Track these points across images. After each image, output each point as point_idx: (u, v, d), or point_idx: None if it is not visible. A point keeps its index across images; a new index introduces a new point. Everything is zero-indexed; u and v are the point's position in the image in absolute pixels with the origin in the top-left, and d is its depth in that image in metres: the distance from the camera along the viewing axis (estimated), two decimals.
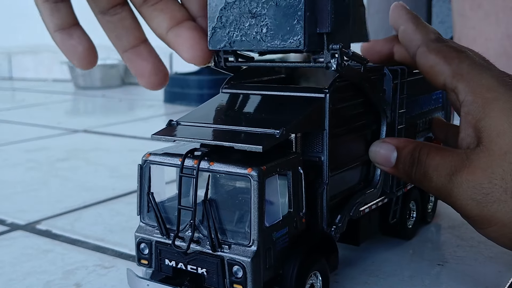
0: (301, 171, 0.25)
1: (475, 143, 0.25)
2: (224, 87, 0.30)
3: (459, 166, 0.25)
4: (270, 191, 0.23)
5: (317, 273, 0.26)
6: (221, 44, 0.25)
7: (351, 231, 0.30)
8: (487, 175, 0.24)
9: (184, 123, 0.26)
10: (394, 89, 0.31)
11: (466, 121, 0.26)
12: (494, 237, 0.26)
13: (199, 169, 0.23)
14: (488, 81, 0.26)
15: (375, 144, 0.28)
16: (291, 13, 0.23)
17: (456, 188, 0.25)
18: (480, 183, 0.24)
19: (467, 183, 0.25)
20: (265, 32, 0.24)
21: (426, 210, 0.39)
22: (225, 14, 0.25)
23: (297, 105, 0.26)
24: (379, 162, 0.28)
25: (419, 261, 0.33)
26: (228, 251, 0.23)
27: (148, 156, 0.26)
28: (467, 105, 0.26)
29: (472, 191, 0.24)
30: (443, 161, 0.26)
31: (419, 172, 0.26)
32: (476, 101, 0.25)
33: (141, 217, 0.26)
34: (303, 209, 0.25)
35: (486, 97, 0.25)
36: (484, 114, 0.25)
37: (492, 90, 0.25)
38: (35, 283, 0.32)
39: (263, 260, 0.23)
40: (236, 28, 0.25)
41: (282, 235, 0.24)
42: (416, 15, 0.30)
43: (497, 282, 0.30)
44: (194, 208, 0.23)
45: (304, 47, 0.23)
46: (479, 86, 0.26)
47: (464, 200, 0.25)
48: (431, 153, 0.26)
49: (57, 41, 0.24)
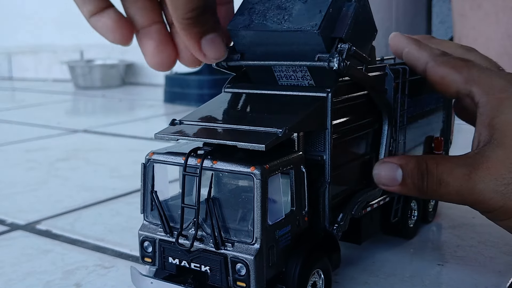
0: (303, 169, 0.25)
1: (488, 141, 0.26)
2: (226, 86, 0.30)
3: (475, 164, 0.26)
4: (273, 189, 0.23)
5: (320, 271, 0.26)
6: (240, 25, 0.26)
7: (353, 230, 0.30)
8: (507, 166, 0.25)
9: (187, 122, 0.26)
10: (396, 88, 0.31)
11: (481, 121, 0.27)
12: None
13: (202, 168, 0.23)
14: (499, 82, 0.27)
15: (376, 167, 0.28)
16: (315, 8, 0.25)
17: (478, 184, 0.25)
18: (501, 174, 0.25)
19: (489, 176, 0.25)
20: (286, 19, 0.25)
21: (427, 209, 0.39)
22: (256, 7, 0.26)
23: (300, 104, 0.26)
24: (384, 183, 0.28)
25: (419, 261, 0.33)
26: (231, 249, 0.23)
27: (152, 155, 0.26)
28: (482, 106, 0.27)
29: (494, 183, 0.25)
30: (456, 164, 0.26)
31: (431, 182, 0.26)
32: (490, 101, 0.27)
33: (144, 216, 0.26)
34: (306, 207, 0.25)
35: (499, 97, 0.27)
36: (498, 112, 0.26)
37: (504, 90, 0.27)
38: (35, 283, 0.32)
39: (266, 258, 0.23)
40: (260, 16, 0.26)
41: (285, 233, 0.24)
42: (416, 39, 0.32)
43: (497, 282, 0.30)
44: (198, 207, 0.23)
45: (318, 29, 0.24)
46: (492, 88, 0.27)
47: (487, 193, 0.25)
48: (440, 162, 0.27)
49: (92, 25, 0.25)
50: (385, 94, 0.31)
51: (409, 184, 0.27)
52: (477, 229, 0.38)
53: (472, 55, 0.32)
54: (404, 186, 0.27)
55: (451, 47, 0.33)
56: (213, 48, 0.24)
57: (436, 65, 0.29)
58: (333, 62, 0.24)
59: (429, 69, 0.30)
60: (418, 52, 0.30)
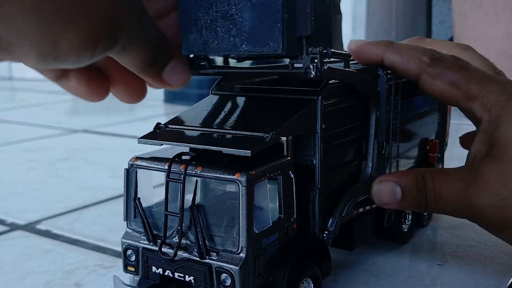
0: (292, 175, 0.24)
1: (483, 156, 0.27)
2: (214, 89, 0.29)
3: (472, 179, 0.26)
4: (260, 196, 0.23)
5: (309, 279, 0.25)
6: (195, 49, 0.23)
7: (345, 236, 0.30)
8: (503, 181, 0.25)
9: (172, 126, 0.26)
10: (388, 90, 0.31)
11: (480, 137, 0.27)
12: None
13: (187, 174, 0.23)
14: (499, 97, 0.27)
15: (375, 186, 0.28)
16: (268, 15, 0.21)
17: (475, 199, 0.26)
18: (498, 189, 0.25)
19: (485, 192, 0.25)
20: (241, 36, 0.22)
21: (422, 213, 0.38)
22: (200, 18, 0.23)
23: (288, 108, 0.26)
24: (385, 202, 0.28)
25: (419, 261, 0.34)
26: (216, 258, 0.22)
27: (135, 160, 0.25)
28: (483, 123, 0.27)
29: (491, 198, 0.25)
30: (452, 179, 0.26)
31: (430, 198, 0.27)
32: (491, 119, 0.27)
33: (127, 223, 0.26)
34: (294, 214, 0.25)
35: (498, 114, 0.27)
36: (496, 128, 0.26)
37: (504, 106, 0.26)
38: (35, 283, 0.32)
39: (252, 267, 0.22)
40: (211, 33, 0.23)
41: (272, 241, 0.23)
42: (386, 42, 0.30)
43: (497, 282, 0.30)
44: (181, 214, 0.23)
45: (283, 52, 0.22)
46: (493, 104, 0.27)
47: (485, 208, 0.26)
48: (436, 176, 0.27)
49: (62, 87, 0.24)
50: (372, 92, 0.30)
51: (408, 201, 0.27)
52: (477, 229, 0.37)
53: (468, 54, 0.31)
54: (404, 202, 0.27)
55: (447, 46, 0.32)
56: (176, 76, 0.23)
57: (431, 78, 0.28)
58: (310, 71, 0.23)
59: (424, 83, 0.29)
60: (403, 63, 0.29)
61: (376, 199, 0.28)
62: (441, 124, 0.39)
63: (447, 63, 0.28)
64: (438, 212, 0.28)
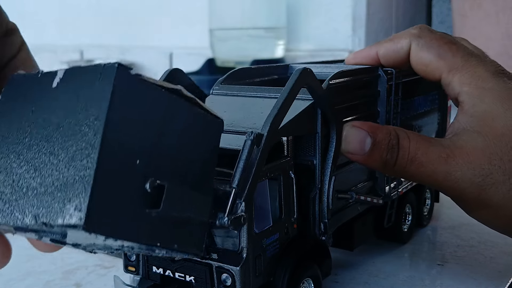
0: (292, 175, 0.24)
1: (465, 128, 0.25)
2: (214, 89, 0.29)
3: (453, 147, 0.24)
4: (260, 196, 0.23)
5: (309, 279, 0.25)
6: None
7: (345, 236, 0.30)
8: (487, 155, 0.24)
9: None
10: (389, 90, 0.31)
11: (461, 109, 0.26)
12: (486, 219, 0.26)
13: None
14: (483, 73, 0.26)
15: (345, 130, 0.25)
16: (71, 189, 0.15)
17: (455, 171, 0.24)
18: (480, 164, 0.24)
19: (467, 165, 0.24)
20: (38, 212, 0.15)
21: (422, 213, 0.39)
22: None
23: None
24: (350, 151, 0.25)
25: (419, 261, 0.34)
26: (216, 258, 0.22)
27: None
28: (462, 95, 0.26)
29: (472, 173, 0.24)
30: (432, 144, 0.24)
31: (402, 159, 0.24)
32: (471, 91, 0.26)
33: None
34: (295, 214, 0.25)
35: (481, 87, 0.25)
36: (479, 101, 0.25)
37: (487, 81, 0.25)
38: (35, 283, 0.32)
39: (253, 267, 0.22)
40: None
41: (273, 241, 0.23)
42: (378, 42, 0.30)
43: (497, 282, 0.30)
44: None
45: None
46: (475, 78, 0.26)
47: (463, 183, 0.24)
48: (414, 138, 0.25)
49: None
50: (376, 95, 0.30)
51: (375, 156, 0.24)
52: (477, 229, 0.37)
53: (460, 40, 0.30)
54: (370, 157, 0.25)
55: None
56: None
57: (419, 48, 0.27)
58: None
59: (412, 53, 0.28)
60: (394, 44, 0.29)
61: (344, 145, 0.25)
62: (441, 124, 0.40)
63: (436, 35, 0.28)
64: (407, 177, 0.25)
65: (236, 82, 0.30)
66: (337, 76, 0.27)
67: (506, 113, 0.24)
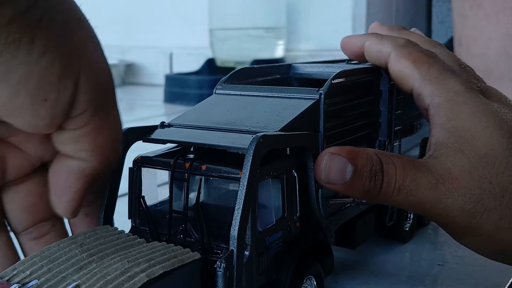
0: (295, 174, 0.24)
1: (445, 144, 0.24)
2: (217, 88, 0.29)
3: (442, 173, 0.23)
4: (263, 194, 0.23)
5: (312, 278, 0.25)
6: None
7: (347, 234, 0.30)
8: (475, 179, 0.22)
9: (177, 125, 0.26)
10: (391, 90, 0.31)
11: (434, 123, 0.25)
12: (476, 247, 0.25)
13: (191, 173, 0.23)
14: (456, 86, 0.25)
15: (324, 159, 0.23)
16: None
17: (445, 198, 0.22)
18: (470, 189, 0.22)
19: (457, 191, 0.22)
20: None
21: None
22: None
23: (291, 107, 0.26)
24: (332, 180, 0.23)
25: (419, 261, 0.33)
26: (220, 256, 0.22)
27: (139, 159, 0.25)
28: (433, 107, 0.25)
29: (463, 199, 0.22)
30: (418, 170, 0.23)
31: (388, 187, 0.22)
32: (442, 103, 0.24)
33: (132, 221, 0.26)
34: (297, 213, 0.25)
35: (454, 100, 0.24)
36: (453, 115, 0.24)
37: (460, 94, 0.25)
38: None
39: (256, 265, 0.22)
40: None
41: (276, 239, 0.24)
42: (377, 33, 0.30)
43: (497, 282, 0.30)
44: (186, 212, 0.23)
45: None
46: (447, 90, 0.25)
47: (454, 210, 0.22)
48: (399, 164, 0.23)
49: None
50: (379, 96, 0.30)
51: (356, 185, 0.22)
52: None
53: (437, 50, 0.29)
54: (351, 186, 0.22)
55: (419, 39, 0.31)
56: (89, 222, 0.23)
57: (398, 56, 0.27)
58: None
59: (390, 61, 0.27)
60: (379, 43, 0.28)
61: (324, 175, 0.23)
62: None
63: (417, 47, 0.28)
64: (393, 204, 0.24)
65: (239, 81, 0.30)
66: (339, 75, 0.27)
67: (486, 131, 0.23)
